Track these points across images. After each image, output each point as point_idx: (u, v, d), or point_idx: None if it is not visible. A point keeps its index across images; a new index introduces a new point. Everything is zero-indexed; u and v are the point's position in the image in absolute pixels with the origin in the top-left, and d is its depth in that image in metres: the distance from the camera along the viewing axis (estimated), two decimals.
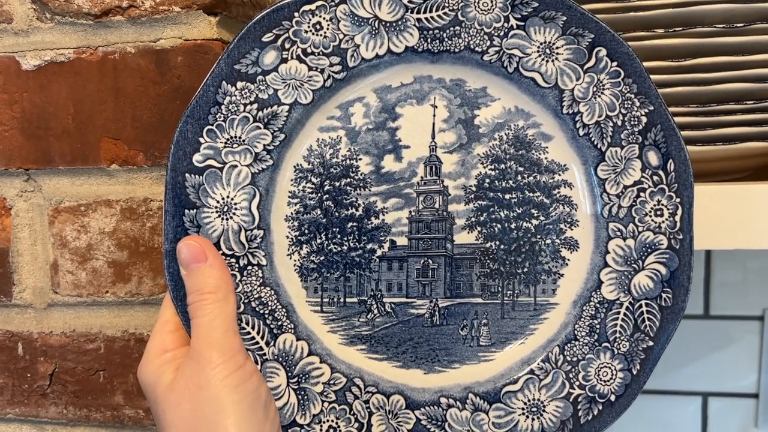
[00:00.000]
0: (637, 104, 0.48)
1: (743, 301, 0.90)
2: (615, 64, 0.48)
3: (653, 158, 0.48)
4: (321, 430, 0.51)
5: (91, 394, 0.62)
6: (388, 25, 0.48)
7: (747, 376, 0.91)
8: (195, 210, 0.48)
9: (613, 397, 0.50)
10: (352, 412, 0.51)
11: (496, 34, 0.48)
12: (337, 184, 0.51)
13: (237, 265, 0.50)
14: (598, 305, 0.50)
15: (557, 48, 0.48)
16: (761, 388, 0.91)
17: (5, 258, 0.62)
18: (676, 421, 0.94)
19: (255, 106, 0.48)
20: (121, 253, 0.60)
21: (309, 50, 0.48)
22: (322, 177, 0.51)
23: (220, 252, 0.49)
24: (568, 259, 0.51)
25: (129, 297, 0.61)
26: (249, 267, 0.50)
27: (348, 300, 0.52)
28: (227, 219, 0.49)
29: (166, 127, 0.57)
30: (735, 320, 0.91)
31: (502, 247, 0.51)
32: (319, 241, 0.51)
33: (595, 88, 0.48)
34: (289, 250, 0.51)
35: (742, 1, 0.57)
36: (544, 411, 0.51)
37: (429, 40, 0.48)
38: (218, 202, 0.49)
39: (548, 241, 0.51)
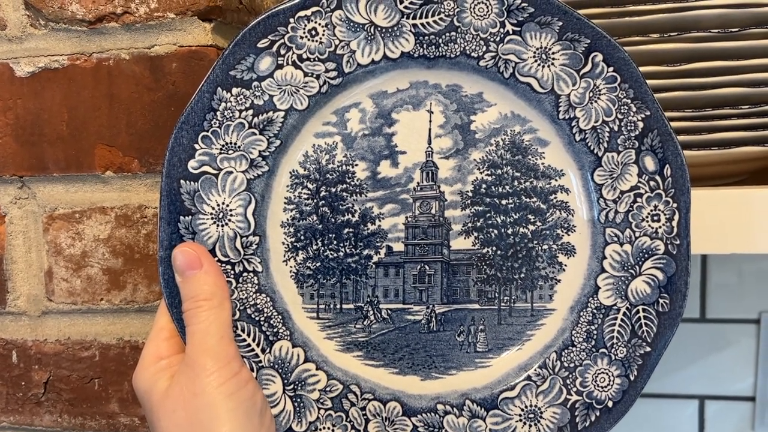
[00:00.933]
0: (634, 109, 0.48)
1: (739, 304, 0.90)
2: (611, 69, 0.48)
3: (650, 163, 0.48)
4: None
5: (86, 402, 0.62)
6: (383, 30, 0.48)
7: (743, 379, 0.91)
8: (190, 216, 0.48)
9: (610, 404, 0.50)
10: (348, 420, 0.51)
11: (492, 39, 0.48)
12: (333, 189, 0.51)
13: (232, 272, 0.49)
14: (595, 311, 0.50)
15: (553, 53, 0.48)
16: (758, 391, 0.91)
17: None
18: (673, 425, 0.94)
19: (250, 112, 0.48)
20: (115, 261, 0.60)
21: (304, 56, 0.48)
22: (318, 183, 0.50)
23: (216, 259, 0.49)
24: (565, 265, 0.51)
25: (124, 304, 0.60)
26: (244, 274, 0.50)
27: (344, 306, 0.52)
28: (223, 225, 0.49)
29: (161, 134, 0.57)
30: (731, 323, 0.91)
31: (498, 252, 0.51)
32: (315, 247, 0.51)
33: (591, 94, 0.48)
34: (284, 256, 0.51)
35: (736, 6, 0.57)
36: (541, 417, 0.50)
37: (425, 46, 0.48)
38: (213, 208, 0.49)
39: (545, 247, 0.51)
